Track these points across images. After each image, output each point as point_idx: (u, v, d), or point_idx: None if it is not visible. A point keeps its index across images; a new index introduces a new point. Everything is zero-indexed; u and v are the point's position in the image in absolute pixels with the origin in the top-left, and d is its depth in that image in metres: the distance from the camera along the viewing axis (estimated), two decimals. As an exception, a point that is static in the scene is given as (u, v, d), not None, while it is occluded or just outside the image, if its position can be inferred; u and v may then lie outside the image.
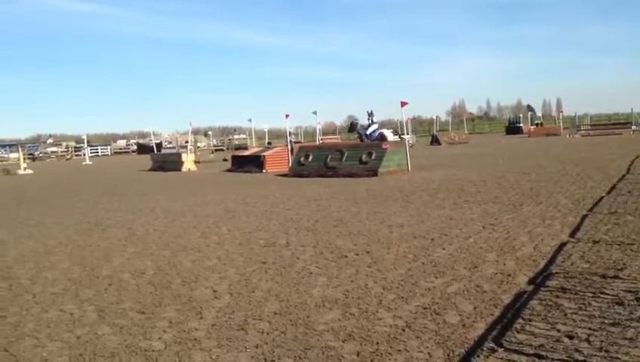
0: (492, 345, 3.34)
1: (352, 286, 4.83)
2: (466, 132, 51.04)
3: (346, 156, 16.88)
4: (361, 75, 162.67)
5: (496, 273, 4.94)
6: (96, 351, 3.63)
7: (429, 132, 56.14)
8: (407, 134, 20.29)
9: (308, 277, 5.23)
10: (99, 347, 3.71)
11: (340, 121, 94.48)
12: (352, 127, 26.29)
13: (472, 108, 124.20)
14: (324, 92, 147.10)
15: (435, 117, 57.57)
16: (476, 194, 10.24)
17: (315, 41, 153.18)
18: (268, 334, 3.79)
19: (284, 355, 3.42)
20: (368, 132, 24.10)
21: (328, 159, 17.16)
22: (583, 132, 39.05)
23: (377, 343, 3.52)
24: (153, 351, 3.60)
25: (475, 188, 11.16)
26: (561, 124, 48.00)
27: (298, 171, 17.58)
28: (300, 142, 34.76)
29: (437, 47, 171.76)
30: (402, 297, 4.43)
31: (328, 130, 65.35)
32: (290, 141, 23.50)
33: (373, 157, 16.18)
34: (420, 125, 77.46)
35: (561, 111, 59.04)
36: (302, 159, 18.15)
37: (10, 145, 55.65)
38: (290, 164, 19.35)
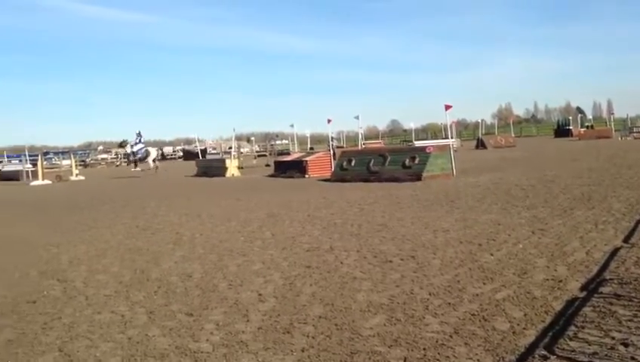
0: (544, 352, 3.26)
1: (397, 291, 4.80)
2: (513, 135, 49.99)
3: (389, 160, 16.78)
4: (403, 78, 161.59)
5: (547, 279, 4.82)
6: (147, 352, 3.72)
7: (474, 135, 55.35)
8: (451, 138, 20.01)
9: (352, 281, 5.22)
10: (149, 348, 3.80)
11: (383, 125, 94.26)
12: (122, 144, 31.97)
13: (519, 110, 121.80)
14: (367, 96, 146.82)
15: (480, 120, 56.77)
16: (525, 198, 10.02)
17: (356, 45, 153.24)
18: (313, 338, 3.80)
19: (330, 359, 3.43)
20: (135, 149, 28.90)
21: (371, 163, 17.11)
22: (635, 134, 37.75)
23: (424, 349, 3.49)
24: (202, 352, 3.66)
25: (524, 192, 10.92)
26: (613, 126, 46.49)
27: (340, 176, 17.59)
28: (342, 147, 34.80)
29: (482, 48, 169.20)
30: (449, 303, 4.37)
31: (371, 135, 65.28)
32: (333, 146, 23.56)
33: (416, 161, 16.04)
34: (465, 129, 76.46)
35: (613, 113, 57.13)
36: (344, 164, 18.15)
37: (62, 153, 57.55)
38: (332, 169, 19.37)
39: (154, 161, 29.90)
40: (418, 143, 36.16)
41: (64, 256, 7.35)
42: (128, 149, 29.11)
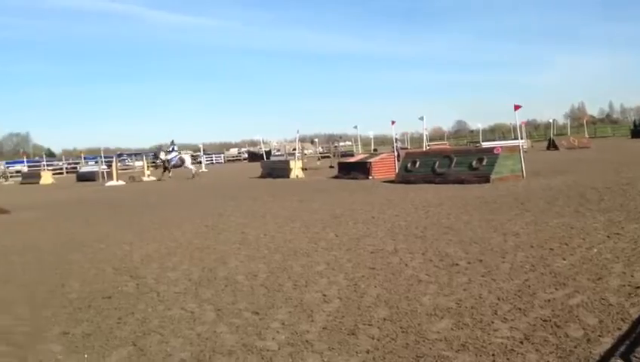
0: (620, 361, 3.10)
1: (465, 295, 4.70)
2: (587, 135, 47.93)
3: (455, 162, 16.47)
4: (470, 77, 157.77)
5: (624, 285, 4.59)
6: (215, 348, 3.81)
7: (545, 136, 53.49)
8: (521, 138, 19.42)
9: (417, 284, 5.15)
10: (218, 344, 3.89)
11: (448, 126, 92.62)
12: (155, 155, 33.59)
13: (593, 110, 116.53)
14: (432, 97, 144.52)
15: (551, 120, 54.81)
16: (599, 201, 9.58)
17: (421, 45, 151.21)
18: (378, 340, 3.78)
19: (395, 362, 3.40)
20: (169, 157, 29.99)
21: (436, 165, 16.85)
22: None
23: (493, 355, 3.40)
24: (268, 350, 3.71)
25: (598, 195, 10.45)
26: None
27: (405, 177, 17.41)
28: (407, 149, 34.43)
29: (553, 45, 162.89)
30: (519, 308, 4.23)
31: (436, 136, 64.30)
32: (397, 147, 23.37)
33: (484, 162, 15.66)
34: (536, 129, 74.01)
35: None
36: (409, 165, 17.96)
37: (135, 154, 59.87)
38: (396, 171, 19.20)
39: (192, 164, 31.66)
40: (486, 144, 35.30)
41: (137, 254, 7.63)
42: (162, 156, 30.57)
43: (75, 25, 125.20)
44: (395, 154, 21.24)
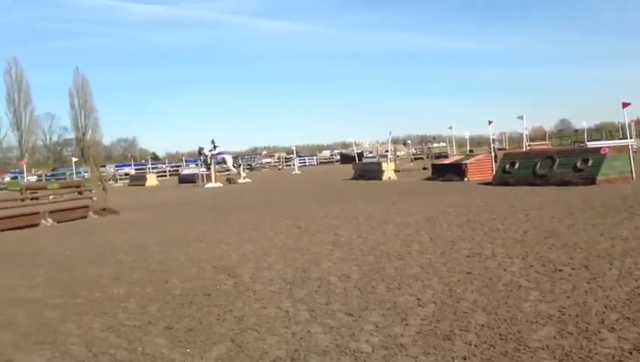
0: None
1: (569, 302, 4.46)
2: None
3: (557, 163, 15.70)
4: (574, 74, 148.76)
5: None
6: (309, 348, 3.86)
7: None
8: (630, 138, 18.16)
9: (517, 290, 4.95)
10: (312, 344, 3.94)
11: (550, 125, 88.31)
12: (199, 151, 33.91)
13: None
14: (532, 95, 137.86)
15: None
16: None
17: (520, 41, 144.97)
18: (476, 346, 3.66)
19: (493, 370, 3.28)
20: (213, 153, 31.28)
21: (537, 166, 16.13)
22: None
23: (600, 367, 3.20)
24: (361, 352, 3.71)
25: None
26: None
27: (503, 179, 16.82)
28: (505, 149, 33.26)
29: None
30: (628, 317, 3.96)
31: (536, 136, 61.50)
32: (494, 148, 22.63)
33: (589, 163, 14.82)
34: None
35: None
36: (507, 167, 17.33)
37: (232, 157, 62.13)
38: (493, 172, 18.59)
39: (234, 166, 33.38)
40: (591, 144, 33.37)
41: (234, 253, 7.90)
42: (207, 153, 31.97)
43: (176, 34, 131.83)
44: (493, 155, 20.59)
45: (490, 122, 22.50)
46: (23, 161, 51.87)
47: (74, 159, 50.31)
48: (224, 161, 32.57)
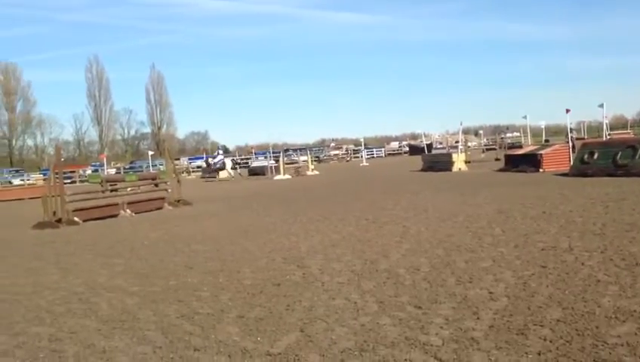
0: None
1: (652, 298, 4.22)
2: None
3: (639, 153, 14.87)
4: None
5: None
6: (378, 340, 3.85)
7: None
8: None
9: (595, 285, 4.74)
10: (380, 336, 3.93)
11: (632, 114, 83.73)
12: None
13: None
14: (613, 82, 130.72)
15: None
16: None
17: (599, 28, 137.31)
18: (551, 342, 3.54)
19: (570, 367, 3.16)
20: (215, 160, 33.87)
21: (618, 156, 15.35)
22: None
23: (688, 367, 3.01)
24: (431, 345, 3.66)
25: None
26: None
27: (581, 170, 16.11)
28: (583, 139, 31.85)
29: None
30: None
31: (617, 124, 58.49)
32: (571, 137, 21.72)
33: (675, 152, 13.93)
34: None
35: None
36: (585, 157, 16.58)
37: (300, 150, 62.66)
38: (571, 163, 17.84)
39: (232, 168, 35.29)
40: (677, 132, 31.42)
41: (303, 245, 7.99)
42: (210, 160, 34.94)
43: (246, 29, 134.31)
44: (570, 144, 19.77)
45: (567, 110, 21.65)
46: (103, 154, 54.48)
47: (150, 152, 52.42)
48: (224, 165, 34.53)
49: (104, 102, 79.46)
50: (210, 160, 36.20)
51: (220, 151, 36.28)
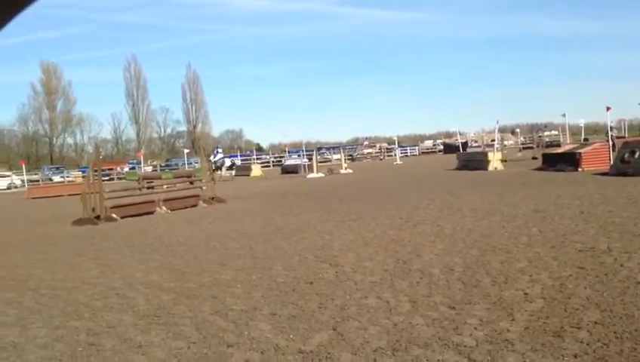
0: None
1: (696, 302, 4.09)
2: None
3: (683, 151, 14.41)
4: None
5: None
6: (411, 339, 3.83)
7: None
8: None
9: (635, 287, 4.62)
10: (413, 335, 3.91)
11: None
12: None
13: None
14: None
15: None
16: None
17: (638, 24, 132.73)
18: (588, 344, 3.47)
19: (608, 371, 3.09)
20: (215, 159, 33.52)
21: (660, 155, 14.91)
22: None
23: None
24: (465, 346, 3.63)
25: None
26: None
27: (621, 169, 15.70)
28: (624, 137, 31.02)
29: None
30: None
31: (659, 123, 56.78)
32: (612, 136, 21.17)
33: None
34: None
35: None
36: (626, 156, 16.16)
37: (333, 148, 62.63)
38: (611, 162, 17.40)
39: (228, 168, 36.38)
40: None
41: (335, 243, 8.00)
42: (211, 158, 35.45)
43: (281, 27, 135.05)
44: (610, 143, 19.28)
45: (608, 108, 21.06)
46: (140, 152, 55.56)
47: (185, 150, 53.22)
48: (223, 164, 35.51)
49: (141, 101, 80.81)
50: (212, 157, 37.48)
51: (219, 150, 37.24)
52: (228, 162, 37.88)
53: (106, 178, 38.02)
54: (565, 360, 3.27)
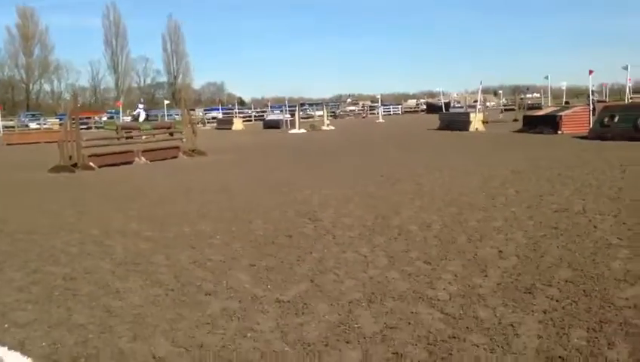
0: None
1: (663, 263, 4.21)
2: None
3: (662, 117, 14.59)
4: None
5: None
6: (385, 292, 3.90)
7: None
8: None
9: (607, 248, 4.73)
10: (389, 289, 3.98)
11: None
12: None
13: None
14: (637, 44, 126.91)
15: None
16: None
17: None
18: (558, 301, 3.56)
19: (575, 325, 3.18)
20: (135, 112, 37.49)
21: (639, 120, 15.07)
22: None
23: (694, 331, 3.03)
24: (438, 300, 3.71)
25: None
26: None
27: (600, 133, 15.88)
28: (605, 102, 31.27)
29: None
30: None
31: (640, 88, 57.26)
32: (593, 100, 21.33)
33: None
34: None
35: None
36: (605, 120, 16.31)
37: (316, 104, 62.14)
38: (590, 126, 17.57)
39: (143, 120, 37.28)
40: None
41: (315, 198, 8.02)
42: (135, 112, 38.82)
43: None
44: (591, 107, 19.42)
45: (590, 72, 21.14)
46: (119, 101, 54.52)
47: (166, 102, 52.36)
48: (139, 115, 36.40)
49: (121, 49, 78.92)
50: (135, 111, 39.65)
51: (140, 106, 38.41)
52: (143, 116, 39.14)
53: (84, 127, 37.43)
54: (535, 316, 3.36)
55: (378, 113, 49.38)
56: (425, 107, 62.84)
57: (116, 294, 4.12)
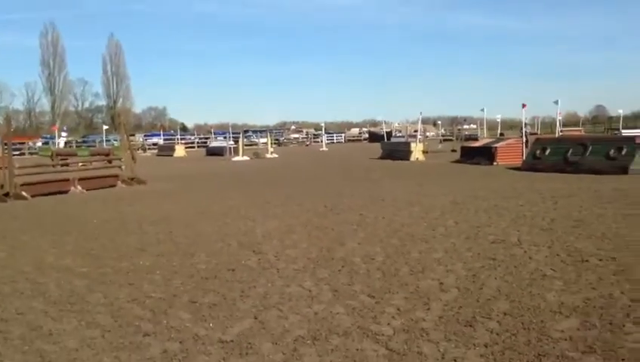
0: None
1: (594, 294, 4.40)
2: None
3: (590, 150, 15.40)
4: (613, 57, 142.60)
5: None
6: (330, 328, 3.89)
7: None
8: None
9: (542, 279, 4.91)
10: (333, 324, 3.97)
11: (584, 111, 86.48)
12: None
13: None
14: (568, 79, 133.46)
15: None
16: None
17: (558, 21, 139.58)
18: (498, 334, 3.65)
19: (515, 359, 3.27)
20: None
21: (569, 153, 15.87)
22: None
23: (623, 360, 3.17)
24: (383, 335, 3.73)
25: None
26: None
27: (532, 165, 16.59)
28: (537, 134, 32.71)
29: None
30: (657, 314, 3.89)
31: (570, 122, 60.33)
32: (526, 132, 22.29)
33: (623, 152, 14.49)
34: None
35: None
36: (537, 152, 17.08)
37: (260, 131, 62.12)
38: (523, 157, 18.33)
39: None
40: (626, 132, 32.68)
41: (259, 229, 7.96)
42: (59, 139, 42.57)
43: (210, 4, 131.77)
44: (524, 139, 20.29)
45: (524, 105, 22.13)
46: (54, 126, 52.74)
47: (104, 126, 51.10)
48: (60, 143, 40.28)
49: (58, 71, 76.30)
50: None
51: (63, 134, 41.66)
52: (62, 143, 41.14)
53: (17, 153, 35.95)
54: (476, 350, 3.43)
55: (322, 141, 49.82)
56: (367, 136, 63.94)
57: (50, 337, 3.92)
